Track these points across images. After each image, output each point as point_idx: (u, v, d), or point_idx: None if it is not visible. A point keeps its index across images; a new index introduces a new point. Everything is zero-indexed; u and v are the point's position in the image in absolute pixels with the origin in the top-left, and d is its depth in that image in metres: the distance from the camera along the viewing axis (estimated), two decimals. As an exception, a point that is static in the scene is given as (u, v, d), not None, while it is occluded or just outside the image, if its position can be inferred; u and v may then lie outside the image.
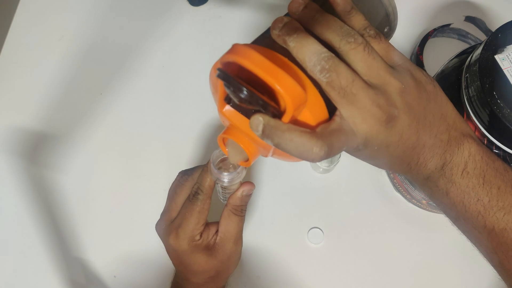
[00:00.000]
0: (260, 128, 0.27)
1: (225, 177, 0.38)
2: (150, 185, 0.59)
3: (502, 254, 0.33)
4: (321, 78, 0.28)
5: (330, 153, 0.28)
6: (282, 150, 0.28)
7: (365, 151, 0.30)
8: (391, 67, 0.30)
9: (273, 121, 0.27)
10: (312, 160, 0.28)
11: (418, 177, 0.34)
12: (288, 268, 0.55)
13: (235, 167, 0.38)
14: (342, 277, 0.55)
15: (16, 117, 0.63)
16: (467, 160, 0.32)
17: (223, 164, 0.39)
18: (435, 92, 0.32)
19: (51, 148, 0.62)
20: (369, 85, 0.28)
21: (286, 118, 0.28)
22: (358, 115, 0.28)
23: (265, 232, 0.57)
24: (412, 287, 0.54)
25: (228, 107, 0.31)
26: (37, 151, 0.61)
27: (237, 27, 0.69)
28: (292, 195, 0.59)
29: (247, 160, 0.33)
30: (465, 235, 0.36)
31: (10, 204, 0.58)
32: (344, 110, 0.28)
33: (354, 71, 0.28)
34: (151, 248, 0.54)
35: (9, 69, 0.67)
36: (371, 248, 0.56)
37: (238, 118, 0.31)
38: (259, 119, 0.27)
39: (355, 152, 0.31)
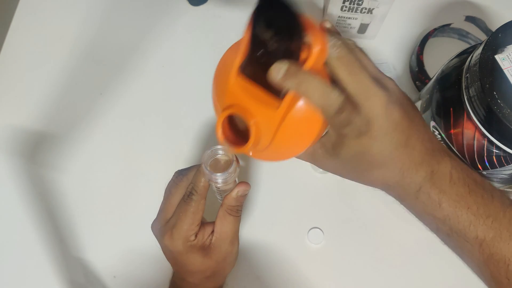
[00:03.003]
0: (283, 70, 0.28)
1: (218, 178, 0.37)
2: (150, 185, 0.58)
3: (493, 266, 0.33)
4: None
5: (344, 108, 0.29)
6: (301, 94, 0.29)
7: (365, 137, 0.31)
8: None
9: (295, 65, 0.29)
10: (328, 109, 0.29)
11: (410, 187, 0.34)
12: (288, 268, 0.55)
13: (228, 167, 0.38)
14: (342, 277, 0.55)
15: (16, 117, 0.63)
16: (451, 170, 0.33)
17: (216, 164, 0.39)
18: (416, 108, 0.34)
19: (51, 148, 0.62)
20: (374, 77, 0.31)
21: (308, 64, 0.29)
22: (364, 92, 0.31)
23: (265, 232, 0.57)
24: (412, 287, 0.54)
25: (240, 78, 0.30)
26: (37, 151, 0.61)
27: (236, 27, 0.69)
28: (292, 195, 0.59)
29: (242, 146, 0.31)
30: (456, 252, 0.36)
31: (10, 204, 0.58)
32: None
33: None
34: (150, 248, 0.54)
35: (9, 69, 0.67)
36: (371, 248, 0.56)
37: (249, 90, 0.30)
38: (284, 62, 0.28)
39: (356, 141, 0.31)
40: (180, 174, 0.42)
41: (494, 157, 0.38)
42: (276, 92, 0.30)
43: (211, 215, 0.43)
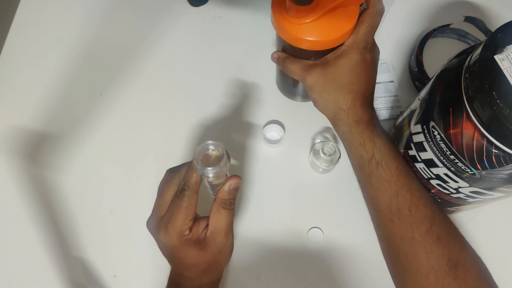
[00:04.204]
0: None
1: (209, 172, 0.38)
2: (150, 185, 0.58)
3: (402, 195, 0.41)
4: None
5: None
6: None
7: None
8: None
9: None
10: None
11: (365, 116, 0.43)
12: (288, 267, 0.55)
13: (218, 162, 0.38)
14: (342, 277, 0.55)
15: (16, 117, 0.63)
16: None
17: (207, 159, 0.40)
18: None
19: (51, 148, 0.62)
20: None
21: None
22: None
23: (265, 232, 0.57)
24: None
25: None
26: (37, 151, 0.62)
27: (237, 28, 0.70)
28: (292, 195, 0.59)
29: None
30: (375, 186, 0.42)
31: (10, 204, 0.58)
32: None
33: None
34: (151, 248, 0.54)
35: (9, 69, 0.67)
36: (370, 247, 0.56)
37: None
38: None
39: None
40: (172, 172, 0.43)
41: (493, 157, 0.38)
42: None
43: (204, 211, 0.43)
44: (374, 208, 0.44)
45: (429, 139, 0.44)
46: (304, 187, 0.59)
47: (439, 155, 0.43)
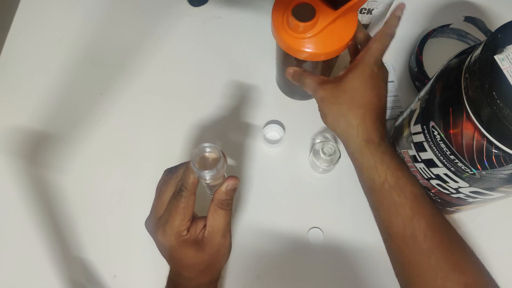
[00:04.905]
0: None
1: (206, 175, 0.38)
2: (150, 185, 0.58)
3: (417, 220, 0.40)
4: None
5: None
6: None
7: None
8: None
9: None
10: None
11: (376, 135, 0.43)
12: (288, 267, 0.55)
13: (215, 164, 0.38)
14: (342, 277, 0.55)
15: (16, 117, 0.64)
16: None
17: (204, 161, 0.40)
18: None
19: (51, 148, 0.62)
20: None
21: None
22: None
23: (265, 232, 0.57)
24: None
25: None
26: (37, 151, 0.62)
27: (237, 28, 0.70)
28: (292, 195, 0.59)
29: None
30: (388, 210, 0.41)
31: (10, 204, 0.58)
32: None
33: None
34: (151, 248, 0.54)
35: (9, 69, 0.67)
36: (370, 248, 0.56)
37: None
38: None
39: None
40: (169, 172, 0.43)
41: (493, 157, 0.38)
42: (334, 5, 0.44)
43: (203, 210, 0.43)
44: (387, 232, 0.42)
45: (429, 139, 0.44)
46: (304, 187, 0.59)
47: (439, 155, 0.43)
